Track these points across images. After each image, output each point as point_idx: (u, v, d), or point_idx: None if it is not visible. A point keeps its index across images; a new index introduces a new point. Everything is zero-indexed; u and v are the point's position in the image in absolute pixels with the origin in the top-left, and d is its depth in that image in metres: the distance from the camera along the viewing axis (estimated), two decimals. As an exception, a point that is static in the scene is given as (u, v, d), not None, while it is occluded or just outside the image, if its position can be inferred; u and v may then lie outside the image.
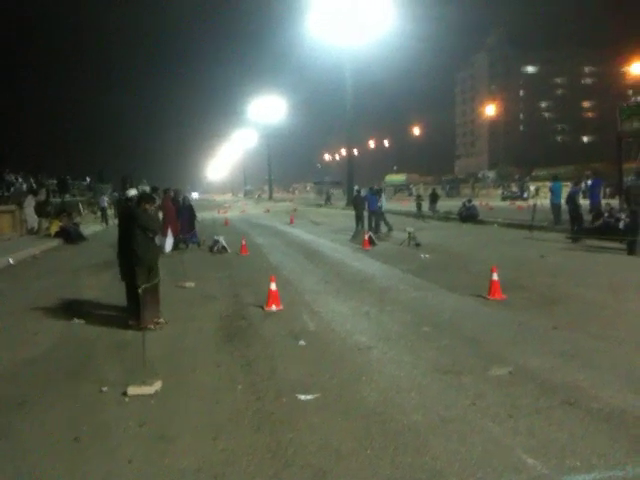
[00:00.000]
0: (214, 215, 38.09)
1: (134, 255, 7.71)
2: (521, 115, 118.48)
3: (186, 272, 12.13)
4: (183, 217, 17.70)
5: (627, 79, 67.27)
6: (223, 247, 16.41)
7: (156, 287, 7.94)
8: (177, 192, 19.27)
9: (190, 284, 11.07)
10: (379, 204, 20.11)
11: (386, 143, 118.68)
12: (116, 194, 37.84)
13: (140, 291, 7.40)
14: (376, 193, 20.74)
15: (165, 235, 14.95)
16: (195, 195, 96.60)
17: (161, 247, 12.52)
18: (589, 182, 22.19)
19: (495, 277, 8.98)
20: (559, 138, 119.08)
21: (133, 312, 7.76)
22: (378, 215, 20.16)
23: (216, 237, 16.94)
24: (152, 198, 8.61)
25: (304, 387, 5.32)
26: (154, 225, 8.18)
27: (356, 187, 23.98)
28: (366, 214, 20.11)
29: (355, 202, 21.25)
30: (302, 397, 5.11)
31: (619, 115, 18.98)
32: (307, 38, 49.26)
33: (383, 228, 20.10)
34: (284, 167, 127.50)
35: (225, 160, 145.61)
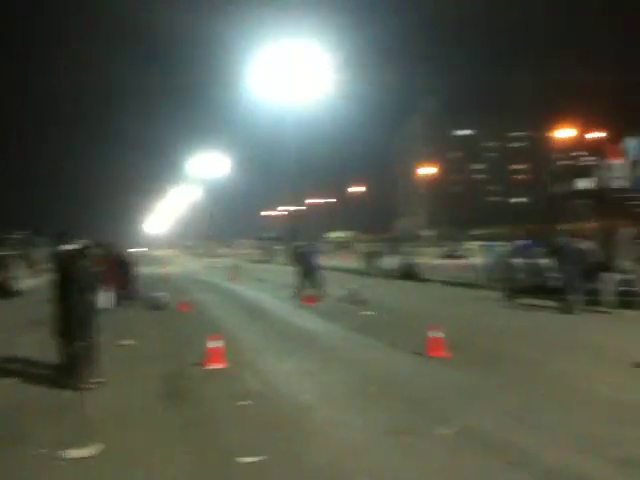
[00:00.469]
0: (154, 271, 37.28)
1: (70, 311, 7.43)
2: (456, 177, 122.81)
3: (125, 329, 11.75)
4: (123, 272, 17.29)
5: (555, 143, 70.93)
6: (163, 303, 16.03)
7: (93, 345, 7.63)
8: (117, 247, 18.93)
9: (129, 342, 10.71)
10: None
11: (329, 200, 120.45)
12: (53, 248, 36.59)
13: (76, 349, 7.11)
14: (314, 249, 20.76)
15: (103, 291, 14.59)
16: (142, 250, 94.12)
17: (98, 303, 12.18)
18: (523, 242, 22.99)
19: (438, 335, 9.05)
20: (492, 199, 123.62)
21: (70, 371, 7.42)
22: (318, 271, 20.14)
23: (156, 293, 16.56)
24: (89, 252, 8.39)
25: (247, 449, 5.15)
26: (91, 280, 7.94)
27: (297, 243, 24.00)
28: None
29: (297, 258, 21.17)
30: (245, 460, 4.94)
31: (547, 178, 19.88)
32: (250, 96, 50.41)
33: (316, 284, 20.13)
34: (227, 222, 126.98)
35: (167, 215, 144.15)
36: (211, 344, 8.62)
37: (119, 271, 16.79)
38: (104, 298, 14.42)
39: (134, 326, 12.70)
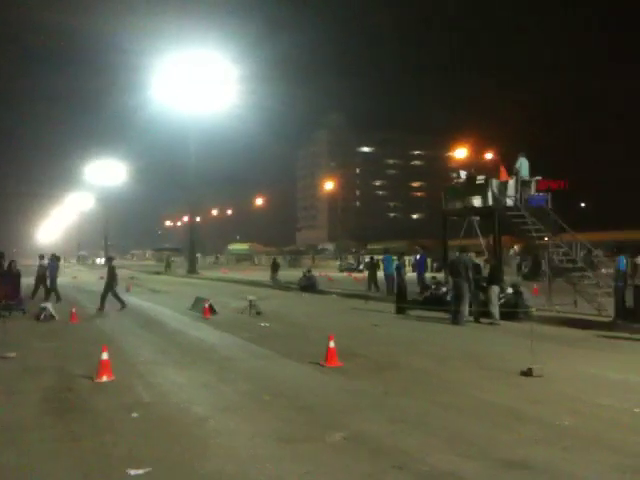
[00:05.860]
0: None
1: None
2: (357, 192, 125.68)
3: (8, 341, 11.12)
4: (8, 282, 16.38)
5: (452, 163, 74.18)
6: (51, 315, 15.27)
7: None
8: (2, 256, 18.03)
9: (11, 354, 10.13)
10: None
11: (229, 212, 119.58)
12: None
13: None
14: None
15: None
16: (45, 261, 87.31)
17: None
18: (418, 257, 23.86)
19: (332, 345, 9.23)
20: (391, 215, 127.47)
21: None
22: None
23: (43, 304, 15.77)
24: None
25: (136, 461, 5.04)
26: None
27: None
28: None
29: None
30: (132, 472, 4.84)
31: (444, 196, 20.75)
32: (151, 104, 49.16)
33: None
34: (123, 232, 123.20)
35: (58, 223, 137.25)
36: (100, 356, 8.34)
37: (2, 280, 15.89)
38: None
39: (16, 338, 12.05)
